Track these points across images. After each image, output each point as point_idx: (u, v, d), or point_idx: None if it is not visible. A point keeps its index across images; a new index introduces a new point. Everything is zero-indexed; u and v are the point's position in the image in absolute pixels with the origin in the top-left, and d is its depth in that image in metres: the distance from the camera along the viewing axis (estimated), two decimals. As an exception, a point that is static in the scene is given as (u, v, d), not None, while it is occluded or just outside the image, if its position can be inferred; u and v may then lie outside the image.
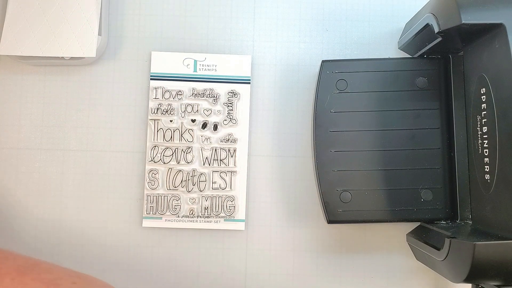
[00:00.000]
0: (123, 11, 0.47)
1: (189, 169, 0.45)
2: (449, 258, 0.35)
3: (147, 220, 0.45)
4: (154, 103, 0.46)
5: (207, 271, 0.46)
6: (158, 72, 0.46)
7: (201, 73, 0.46)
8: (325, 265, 0.46)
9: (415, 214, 0.42)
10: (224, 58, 0.46)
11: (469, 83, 0.40)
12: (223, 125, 0.46)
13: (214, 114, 0.46)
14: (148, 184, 0.45)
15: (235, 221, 0.45)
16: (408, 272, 0.46)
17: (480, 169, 0.37)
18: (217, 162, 0.46)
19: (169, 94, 0.46)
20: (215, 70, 0.46)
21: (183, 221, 0.45)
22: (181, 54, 0.46)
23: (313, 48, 0.47)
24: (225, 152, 0.46)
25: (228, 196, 0.45)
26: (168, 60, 0.46)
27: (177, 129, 0.46)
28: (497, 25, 0.34)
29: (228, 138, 0.46)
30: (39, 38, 0.43)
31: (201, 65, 0.46)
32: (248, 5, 0.47)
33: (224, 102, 0.46)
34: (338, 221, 0.42)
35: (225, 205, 0.45)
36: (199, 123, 0.46)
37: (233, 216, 0.45)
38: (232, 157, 0.46)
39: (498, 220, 0.35)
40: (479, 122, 0.37)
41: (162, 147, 0.46)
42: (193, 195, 0.45)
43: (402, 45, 0.45)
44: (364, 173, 0.42)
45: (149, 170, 0.45)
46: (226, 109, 0.46)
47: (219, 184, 0.45)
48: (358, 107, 0.42)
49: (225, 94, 0.46)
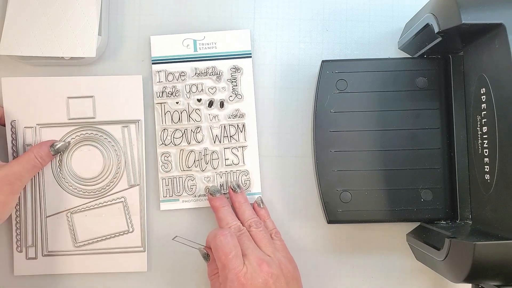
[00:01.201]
0: (123, 11, 0.47)
1: (200, 149, 0.46)
2: (449, 258, 0.35)
3: (165, 203, 0.45)
4: (159, 87, 0.46)
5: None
6: (159, 56, 0.46)
7: (202, 52, 0.46)
8: (325, 265, 0.46)
9: (415, 214, 0.42)
10: (223, 34, 0.46)
11: (469, 83, 0.40)
12: (229, 102, 0.46)
13: (219, 91, 0.46)
14: (162, 167, 0.45)
15: (252, 194, 0.45)
16: (408, 272, 0.46)
17: (480, 169, 0.37)
18: (227, 139, 0.46)
19: (172, 76, 0.46)
20: (215, 47, 0.46)
21: (200, 200, 0.45)
22: (180, 36, 0.46)
23: (313, 48, 0.47)
24: (234, 128, 0.46)
25: (242, 171, 0.46)
26: (167, 42, 0.46)
27: (184, 110, 0.46)
28: (497, 25, 0.34)
29: (236, 113, 0.46)
30: (39, 38, 0.43)
31: (201, 44, 0.46)
32: (248, 5, 0.47)
33: (228, 78, 0.46)
34: (338, 221, 0.42)
35: (240, 180, 0.46)
36: (205, 102, 0.46)
37: (249, 190, 0.46)
38: (242, 132, 0.46)
39: (498, 220, 0.35)
40: (479, 122, 0.37)
41: (171, 129, 0.46)
42: (208, 174, 0.45)
43: (402, 45, 0.45)
44: (364, 173, 0.42)
45: (161, 154, 0.45)
46: (231, 85, 0.46)
47: (232, 160, 0.46)
48: (358, 107, 0.42)
49: (228, 70, 0.46)
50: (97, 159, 0.45)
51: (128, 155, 0.45)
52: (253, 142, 0.46)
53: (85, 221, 0.45)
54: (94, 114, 0.45)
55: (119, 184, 0.45)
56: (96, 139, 0.45)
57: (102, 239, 0.45)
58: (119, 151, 0.45)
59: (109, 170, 0.45)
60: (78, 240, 0.45)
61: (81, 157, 0.45)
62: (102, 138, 0.45)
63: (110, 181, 0.45)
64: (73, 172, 0.45)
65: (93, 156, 0.45)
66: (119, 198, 0.45)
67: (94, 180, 0.45)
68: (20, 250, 0.44)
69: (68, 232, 0.45)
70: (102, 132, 0.45)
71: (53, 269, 0.45)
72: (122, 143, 0.45)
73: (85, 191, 0.45)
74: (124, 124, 0.45)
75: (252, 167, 0.46)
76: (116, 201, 0.45)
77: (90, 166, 0.45)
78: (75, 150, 0.45)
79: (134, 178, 0.45)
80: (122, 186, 0.45)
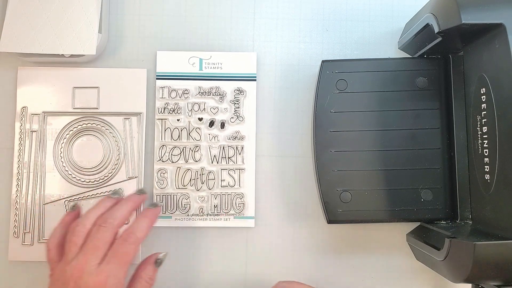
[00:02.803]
0: (123, 9, 0.47)
1: (197, 168, 0.45)
2: (449, 258, 0.35)
3: (158, 220, 0.45)
4: (161, 103, 0.46)
5: (207, 270, 0.46)
6: (164, 71, 0.46)
7: (207, 71, 0.46)
8: (325, 265, 0.46)
9: (415, 214, 0.42)
10: (230, 55, 0.46)
11: (469, 83, 0.40)
12: (230, 123, 0.46)
13: (221, 112, 0.46)
14: (157, 184, 0.45)
15: (245, 218, 0.45)
16: (408, 272, 0.46)
17: (480, 169, 0.37)
18: (225, 160, 0.46)
19: (175, 93, 0.46)
20: (220, 68, 0.46)
21: (193, 219, 0.45)
22: (186, 53, 0.46)
23: (313, 48, 0.47)
24: (233, 149, 0.46)
25: (237, 194, 0.45)
26: (173, 59, 0.46)
27: (184, 128, 0.46)
28: (497, 25, 0.34)
29: (236, 135, 0.46)
30: (40, 35, 0.43)
31: (207, 63, 0.46)
32: (248, 5, 0.47)
33: (231, 99, 0.46)
34: (338, 221, 0.42)
35: (234, 203, 0.45)
36: (206, 122, 0.46)
37: (243, 213, 0.45)
38: (240, 155, 0.46)
39: (498, 220, 0.35)
40: (479, 122, 0.37)
41: (170, 146, 0.45)
42: (202, 194, 0.45)
43: (402, 45, 0.45)
44: (364, 173, 0.42)
45: (157, 170, 0.45)
46: (233, 107, 0.46)
47: (228, 182, 0.45)
48: (358, 107, 0.42)
49: (232, 91, 0.46)
50: (97, 149, 0.45)
51: (128, 147, 0.45)
52: (251, 165, 0.46)
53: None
54: (98, 104, 0.46)
55: (117, 175, 0.45)
56: (98, 129, 0.46)
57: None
58: (119, 142, 0.46)
59: (109, 160, 0.45)
60: (74, 228, 0.45)
61: (82, 147, 0.45)
62: (103, 128, 0.46)
63: (109, 171, 0.45)
64: (73, 161, 0.45)
65: (93, 146, 0.45)
66: (117, 189, 0.45)
67: (93, 170, 0.45)
68: (17, 235, 0.44)
69: None
70: (104, 123, 0.46)
71: None
72: (123, 135, 0.46)
73: (84, 180, 0.45)
74: (126, 116, 0.46)
75: (248, 191, 0.45)
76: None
77: (90, 156, 0.45)
78: (76, 139, 0.45)
79: (132, 170, 0.45)
80: (121, 177, 0.45)
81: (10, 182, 0.46)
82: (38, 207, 0.45)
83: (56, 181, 0.45)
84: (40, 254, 0.45)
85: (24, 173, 0.45)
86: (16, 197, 0.45)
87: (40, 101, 0.46)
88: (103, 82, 0.46)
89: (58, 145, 0.45)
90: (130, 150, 0.45)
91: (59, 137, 0.45)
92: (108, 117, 0.46)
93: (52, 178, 0.45)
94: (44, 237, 0.45)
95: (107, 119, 0.46)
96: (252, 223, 0.45)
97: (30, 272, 0.45)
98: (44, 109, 0.46)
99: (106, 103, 0.46)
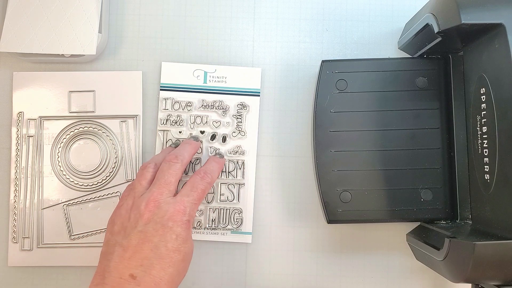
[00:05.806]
0: (123, 9, 0.47)
1: None
2: (449, 258, 0.35)
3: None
4: (164, 114, 0.46)
5: (207, 270, 0.46)
6: (168, 82, 0.46)
7: (211, 84, 0.46)
8: (325, 265, 0.46)
9: (415, 214, 0.42)
10: (235, 70, 0.46)
11: (469, 83, 0.40)
12: (232, 137, 0.46)
13: (223, 126, 0.46)
14: None
15: (242, 234, 0.45)
16: (408, 272, 0.46)
17: (480, 169, 0.37)
18: (225, 174, 0.45)
19: (178, 105, 0.46)
20: (225, 81, 0.46)
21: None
22: (191, 65, 0.46)
23: (313, 48, 0.47)
24: (233, 164, 0.46)
25: (235, 209, 0.45)
26: (178, 70, 0.46)
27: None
28: (497, 25, 0.34)
29: (237, 150, 0.46)
30: (40, 35, 0.43)
31: (211, 77, 0.46)
32: (248, 5, 0.47)
33: (233, 114, 0.46)
34: (338, 221, 0.42)
35: (232, 218, 0.45)
36: (208, 135, 0.46)
37: (240, 228, 0.45)
38: (240, 169, 0.45)
39: (498, 220, 0.35)
40: (479, 122, 0.37)
41: None
42: (200, 207, 0.45)
43: (402, 45, 0.45)
44: (364, 173, 0.42)
45: None
46: (235, 121, 0.46)
47: (226, 196, 0.45)
48: (358, 107, 0.42)
49: (235, 106, 0.46)
50: (94, 153, 0.45)
51: (125, 150, 0.45)
52: (251, 181, 0.45)
53: (81, 214, 0.45)
54: (94, 108, 0.46)
55: (115, 178, 0.45)
56: (94, 133, 0.45)
57: (98, 233, 0.45)
58: (116, 145, 0.45)
59: (106, 163, 0.45)
60: (73, 233, 0.45)
61: (79, 150, 0.45)
62: (100, 132, 0.45)
63: (106, 175, 0.45)
64: (70, 165, 0.45)
65: (90, 149, 0.45)
66: (114, 193, 0.45)
67: (91, 174, 0.45)
68: (16, 241, 0.44)
69: (64, 225, 0.45)
70: (101, 126, 0.46)
71: (47, 261, 0.45)
72: (119, 138, 0.45)
73: (82, 184, 0.45)
74: (122, 118, 0.46)
75: (246, 206, 0.45)
76: (112, 195, 0.45)
77: (87, 160, 0.45)
78: (73, 143, 0.45)
79: (130, 173, 0.45)
80: (118, 180, 0.45)
81: (8, 187, 0.46)
82: (37, 212, 0.45)
83: (54, 185, 0.45)
84: (40, 259, 0.45)
85: (22, 178, 0.45)
86: (14, 202, 0.45)
87: (36, 106, 0.46)
88: (98, 85, 0.46)
89: (55, 150, 0.45)
90: (127, 153, 0.45)
91: (56, 142, 0.45)
92: (104, 120, 0.46)
93: (50, 182, 0.45)
94: (43, 242, 0.45)
95: (103, 122, 0.46)
96: (249, 239, 0.45)
97: (29, 277, 0.45)
98: (40, 114, 0.46)
99: (102, 106, 0.46)
